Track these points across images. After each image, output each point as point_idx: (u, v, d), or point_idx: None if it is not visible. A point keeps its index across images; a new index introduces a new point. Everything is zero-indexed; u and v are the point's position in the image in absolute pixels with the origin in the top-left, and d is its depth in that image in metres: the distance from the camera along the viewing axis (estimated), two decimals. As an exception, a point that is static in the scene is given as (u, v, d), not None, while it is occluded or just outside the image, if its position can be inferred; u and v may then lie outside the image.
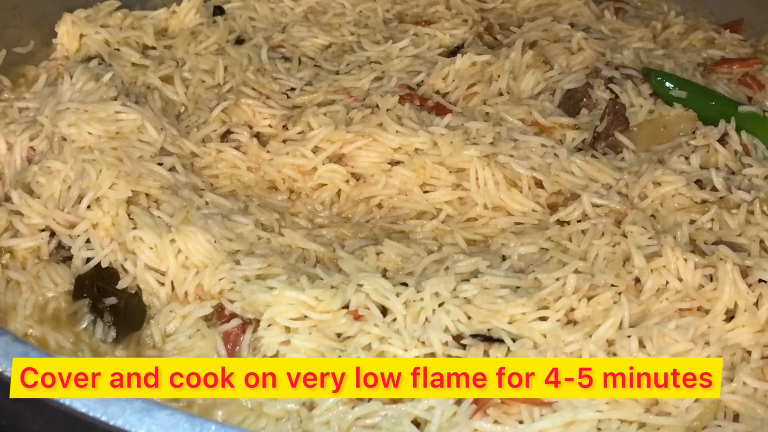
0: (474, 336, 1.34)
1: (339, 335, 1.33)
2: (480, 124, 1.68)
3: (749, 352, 1.36)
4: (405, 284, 1.38)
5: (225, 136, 1.68)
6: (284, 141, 1.65)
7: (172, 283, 1.39)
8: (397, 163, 1.63)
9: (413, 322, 1.34)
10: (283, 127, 1.68)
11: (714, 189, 1.56)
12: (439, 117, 1.72)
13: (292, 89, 1.76)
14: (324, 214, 1.61)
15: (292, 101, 1.74)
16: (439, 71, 1.80)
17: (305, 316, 1.34)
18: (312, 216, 1.60)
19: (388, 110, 1.70)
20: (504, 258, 1.48)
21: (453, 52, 1.86)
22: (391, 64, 1.83)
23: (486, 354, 1.35)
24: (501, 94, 1.77)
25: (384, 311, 1.35)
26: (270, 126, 1.67)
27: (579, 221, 1.54)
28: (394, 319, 1.33)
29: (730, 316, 1.40)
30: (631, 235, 1.47)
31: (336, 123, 1.65)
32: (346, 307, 1.35)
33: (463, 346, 1.33)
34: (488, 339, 1.35)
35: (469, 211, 1.58)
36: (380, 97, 1.73)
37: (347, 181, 1.63)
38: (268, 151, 1.65)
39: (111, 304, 1.39)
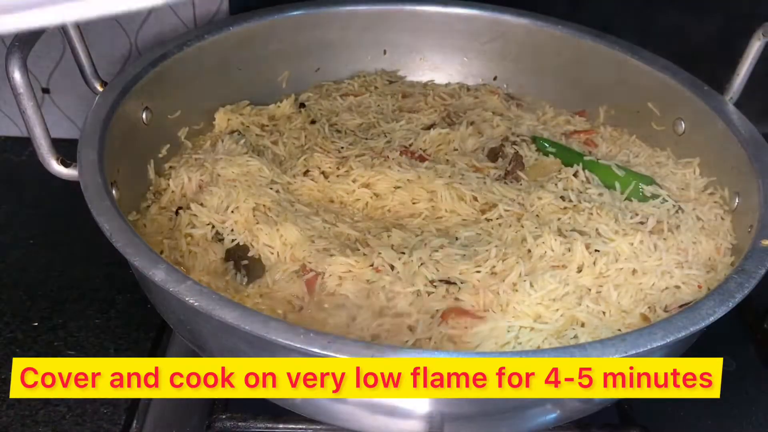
0: (440, 280, 1.71)
1: (368, 281, 1.70)
2: (444, 167, 2.04)
3: (590, 289, 1.73)
4: (403, 253, 1.74)
5: (306, 173, 2.06)
6: (338, 176, 2.04)
7: (278, 253, 1.77)
8: (398, 187, 1.99)
9: (408, 273, 1.70)
10: (337, 167, 2.06)
11: (570, 200, 1.94)
12: (421, 162, 2.09)
13: (342, 147, 2.14)
14: (359, 216, 1.97)
15: (341, 154, 2.11)
16: (421, 138, 2.18)
17: (350, 270, 1.73)
18: (353, 216, 1.97)
19: (393, 159, 2.06)
20: (456, 239, 1.83)
21: (429, 127, 2.25)
22: (395, 134, 2.20)
23: (447, 290, 1.71)
24: (455, 150, 2.14)
25: (392, 268, 1.73)
26: (329, 167, 2.05)
27: (497, 218, 1.92)
28: (398, 272, 1.71)
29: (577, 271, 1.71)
30: (526, 225, 1.85)
31: (365, 167, 2.03)
32: (372, 265, 1.73)
33: (435, 287, 1.69)
34: (448, 282, 1.72)
35: (437, 213, 1.95)
36: (389, 152, 2.10)
37: (371, 198, 1.99)
38: (329, 182, 2.02)
39: (244, 264, 1.76)
